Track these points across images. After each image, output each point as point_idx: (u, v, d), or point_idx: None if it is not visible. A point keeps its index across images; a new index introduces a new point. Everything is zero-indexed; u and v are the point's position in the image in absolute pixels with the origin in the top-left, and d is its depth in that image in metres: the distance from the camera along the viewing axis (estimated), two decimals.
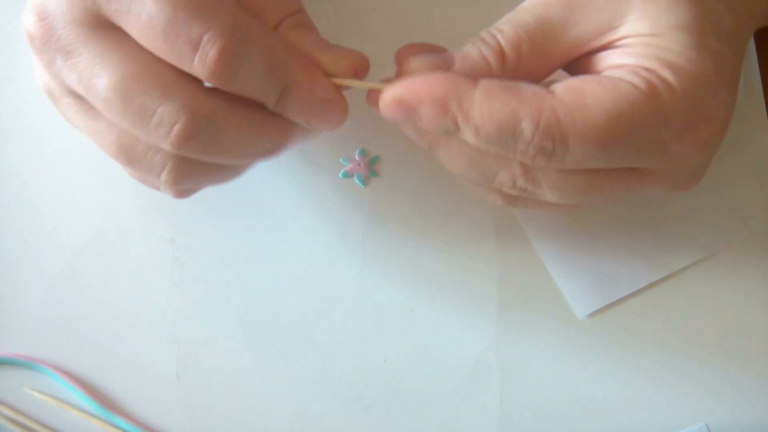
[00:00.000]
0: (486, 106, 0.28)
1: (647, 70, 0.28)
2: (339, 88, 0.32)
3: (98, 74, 0.29)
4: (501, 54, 0.30)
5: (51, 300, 0.39)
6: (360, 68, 0.32)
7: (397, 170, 0.42)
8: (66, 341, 0.39)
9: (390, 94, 0.30)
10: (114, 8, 0.29)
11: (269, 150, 0.32)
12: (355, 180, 0.41)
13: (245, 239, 0.40)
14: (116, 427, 0.37)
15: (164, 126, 0.29)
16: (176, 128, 0.29)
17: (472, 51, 0.31)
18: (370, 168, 0.42)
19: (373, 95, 0.31)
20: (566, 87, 0.29)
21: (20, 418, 0.37)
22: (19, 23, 0.35)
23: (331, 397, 0.38)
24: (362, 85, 0.32)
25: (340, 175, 0.42)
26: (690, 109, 0.28)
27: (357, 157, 0.42)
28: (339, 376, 0.38)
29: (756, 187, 0.41)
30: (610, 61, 0.30)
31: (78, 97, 0.31)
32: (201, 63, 0.29)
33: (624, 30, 0.30)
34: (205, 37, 0.28)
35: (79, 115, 0.32)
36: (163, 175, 0.32)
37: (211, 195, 0.41)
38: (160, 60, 0.29)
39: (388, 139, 0.42)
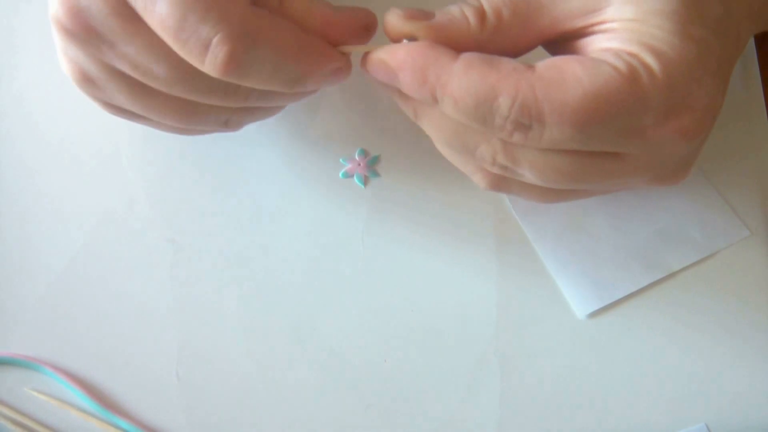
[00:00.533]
0: (464, 78, 0.29)
1: (630, 54, 0.29)
2: (346, 54, 0.33)
3: (154, 60, 0.30)
4: (482, 15, 0.31)
5: (51, 300, 0.39)
6: (371, 25, 0.33)
7: (397, 170, 0.42)
8: (66, 341, 0.39)
9: (376, 54, 0.31)
10: (137, 4, 0.29)
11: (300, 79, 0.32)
12: (355, 180, 0.41)
13: (245, 239, 0.40)
14: (116, 427, 0.37)
15: (208, 50, 0.29)
16: (218, 52, 0.29)
17: (453, 8, 0.31)
18: (370, 168, 0.42)
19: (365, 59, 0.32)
20: (547, 64, 0.29)
21: (20, 418, 0.37)
22: (19, 23, 0.35)
23: (331, 397, 0.38)
24: (364, 49, 0.33)
25: (340, 175, 0.42)
26: (671, 95, 0.29)
27: (357, 157, 0.42)
28: (339, 376, 0.38)
29: (756, 187, 0.41)
30: (594, 45, 0.30)
31: (129, 80, 0.32)
32: (211, 65, 0.29)
33: (609, 13, 0.30)
34: (214, 40, 0.29)
35: (133, 96, 0.33)
36: (224, 128, 0.35)
37: (210, 195, 0.41)
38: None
39: (388, 139, 0.42)
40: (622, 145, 0.30)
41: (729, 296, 0.39)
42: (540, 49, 0.33)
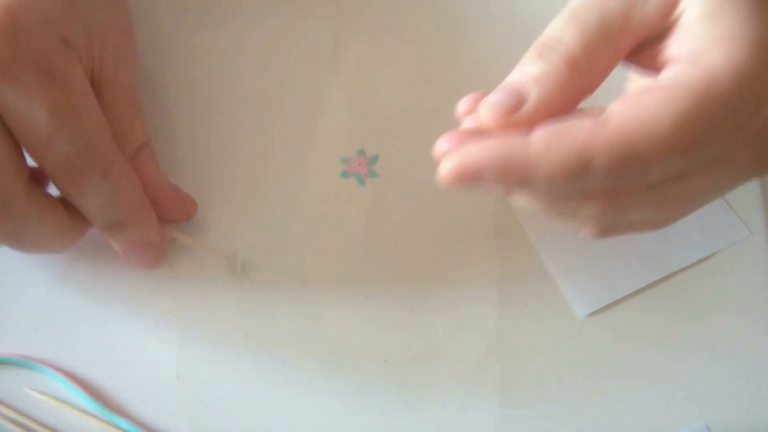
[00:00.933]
0: (549, 159, 0.27)
1: (704, 53, 0.27)
2: (161, 238, 0.38)
3: None
4: (573, 61, 0.29)
5: (51, 300, 0.39)
6: (192, 211, 0.39)
7: (397, 170, 0.42)
8: (66, 341, 0.39)
9: (445, 171, 0.28)
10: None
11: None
12: (355, 180, 0.41)
13: (245, 239, 0.40)
14: (116, 427, 0.37)
15: None
16: None
17: (541, 67, 0.29)
18: (370, 168, 0.42)
19: None
20: (622, 108, 0.27)
21: (20, 418, 0.37)
22: None
23: (331, 397, 0.38)
24: (195, 245, 0.39)
25: (340, 175, 0.42)
26: (755, 85, 0.27)
27: (356, 157, 0.42)
28: (339, 376, 0.38)
29: (756, 187, 0.41)
30: (668, 51, 0.29)
31: None
32: (57, 173, 0.33)
33: (679, 9, 0.28)
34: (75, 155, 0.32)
35: None
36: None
37: (210, 196, 0.41)
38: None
39: (388, 139, 0.42)
40: (726, 150, 0.28)
41: (729, 296, 0.39)
42: None
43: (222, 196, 0.41)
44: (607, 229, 0.32)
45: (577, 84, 0.29)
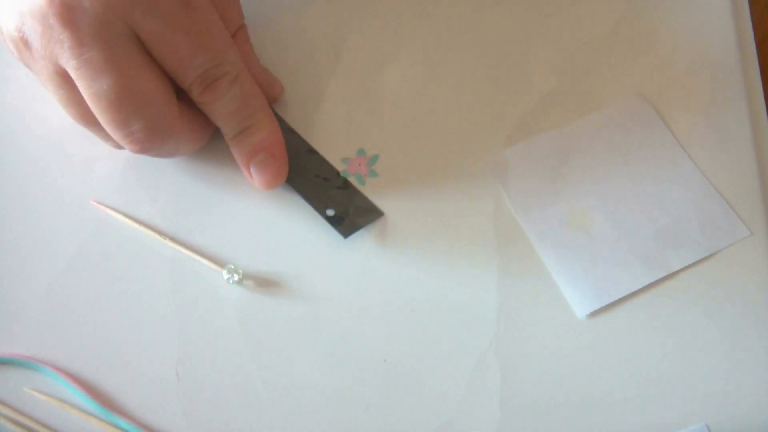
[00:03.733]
0: None
1: None
2: (283, 150, 0.40)
3: (98, 77, 0.34)
4: None
5: (51, 300, 0.39)
6: (279, 93, 0.43)
7: (397, 170, 0.42)
8: (66, 341, 0.39)
9: None
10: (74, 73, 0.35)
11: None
12: (355, 180, 0.41)
13: (244, 238, 0.40)
14: (116, 427, 0.37)
15: (131, 137, 0.36)
16: (138, 141, 0.36)
17: None
18: (370, 168, 0.42)
19: None
20: None
21: (20, 418, 0.37)
22: None
23: (331, 397, 0.38)
24: (195, 256, 0.39)
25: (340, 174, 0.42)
26: None
27: (356, 157, 0.42)
28: (339, 376, 0.38)
29: (756, 187, 0.41)
30: None
31: (59, 68, 0.35)
32: (126, 145, 0.37)
33: None
34: (135, 128, 0.36)
35: (54, 81, 0.36)
36: (113, 144, 0.39)
37: (209, 197, 0.41)
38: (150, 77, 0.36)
39: (388, 139, 0.42)
40: None
41: (729, 296, 0.39)
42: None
43: (218, 194, 0.41)
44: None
45: None
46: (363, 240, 0.40)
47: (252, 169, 0.40)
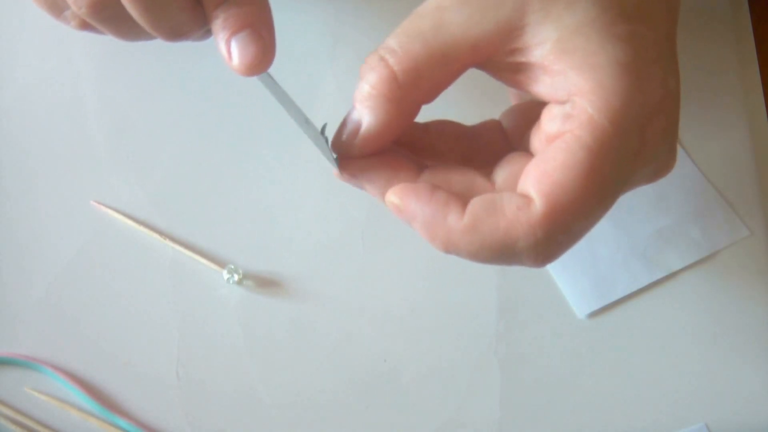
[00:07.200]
0: (471, 241, 0.28)
1: (576, 105, 0.28)
2: (270, 28, 0.33)
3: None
4: (393, 79, 0.29)
5: (51, 300, 0.39)
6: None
7: None
8: (66, 341, 0.39)
9: (390, 198, 0.30)
10: None
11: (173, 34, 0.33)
12: None
13: (244, 238, 0.40)
14: (116, 427, 0.37)
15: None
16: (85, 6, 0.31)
17: (370, 82, 0.30)
18: None
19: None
20: (537, 185, 0.28)
21: (20, 418, 0.37)
22: (19, 22, 0.35)
23: (331, 397, 0.38)
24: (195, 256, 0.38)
25: None
26: (633, 110, 0.28)
27: None
28: (339, 376, 0.38)
29: (756, 187, 0.41)
30: (536, 88, 0.29)
31: None
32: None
33: (529, 36, 0.28)
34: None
35: None
36: (73, 23, 0.34)
37: (209, 197, 0.41)
38: None
39: None
40: (634, 176, 0.29)
41: (729, 296, 0.39)
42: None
43: (217, 195, 0.41)
44: (546, 258, 0.32)
45: (405, 97, 0.30)
46: (363, 240, 0.40)
47: (232, 47, 0.32)
